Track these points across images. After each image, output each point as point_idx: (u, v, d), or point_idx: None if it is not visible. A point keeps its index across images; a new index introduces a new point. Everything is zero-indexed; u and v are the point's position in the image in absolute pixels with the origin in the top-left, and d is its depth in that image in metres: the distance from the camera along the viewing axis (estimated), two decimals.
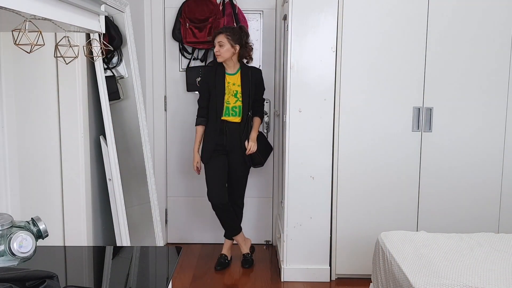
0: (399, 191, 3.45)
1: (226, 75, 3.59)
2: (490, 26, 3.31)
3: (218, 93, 3.56)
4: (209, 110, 3.61)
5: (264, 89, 3.73)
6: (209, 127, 3.62)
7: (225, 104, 3.56)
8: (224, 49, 3.49)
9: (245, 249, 3.84)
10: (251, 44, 3.63)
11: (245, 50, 3.58)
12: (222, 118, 3.56)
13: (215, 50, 3.54)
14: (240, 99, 3.57)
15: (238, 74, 3.59)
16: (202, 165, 3.68)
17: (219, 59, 3.54)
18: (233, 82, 3.58)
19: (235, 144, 3.60)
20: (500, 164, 3.43)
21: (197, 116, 3.68)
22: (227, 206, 3.66)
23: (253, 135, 3.64)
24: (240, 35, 3.54)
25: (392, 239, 2.64)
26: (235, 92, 3.57)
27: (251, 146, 3.59)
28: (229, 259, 3.83)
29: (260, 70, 3.74)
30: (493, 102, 3.38)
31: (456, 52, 3.34)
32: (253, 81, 3.62)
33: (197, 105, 3.69)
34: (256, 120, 3.69)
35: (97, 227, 2.81)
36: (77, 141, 2.50)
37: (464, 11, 3.30)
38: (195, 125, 3.68)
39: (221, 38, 3.49)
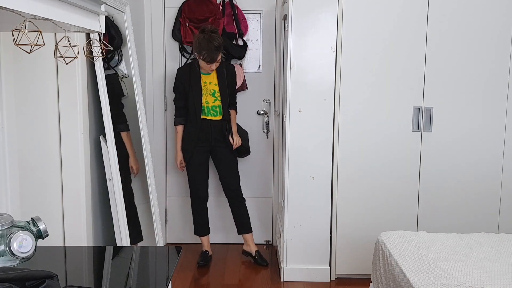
0: (399, 191, 3.45)
1: (201, 75, 3.60)
2: (490, 26, 3.31)
3: (195, 94, 3.57)
4: (188, 110, 3.63)
5: (236, 83, 3.77)
6: (189, 127, 3.66)
7: (204, 104, 3.59)
8: (219, 63, 3.53)
9: (253, 248, 3.84)
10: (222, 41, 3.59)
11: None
12: (202, 117, 3.60)
13: (211, 68, 3.51)
14: (219, 98, 3.60)
15: (214, 73, 3.60)
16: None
17: (209, 71, 3.56)
18: (209, 81, 3.60)
19: (219, 139, 3.66)
20: (500, 164, 3.43)
21: (175, 116, 3.73)
22: (206, 203, 3.80)
23: (235, 129, 3.73)
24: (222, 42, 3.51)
25: (392, 239, 2.64)
26: (212, 91, 3.60)
27: (236, 140, 3.68)
28: (210, 254, 3.88)
29: (233, 65, 3.78)
30: (493, 102, 3.38)
31: (456, 52, 3.34)
32: (229, 77, 3.65)
33: (174, 104, 3.73)
34: (233, 113, 3.75)
35: (97, 227, 2.81)
36: (77, 141, 2.49)
37: (464, 11, 3.30)
38: (175, 125, 3.74)
39: (219, 56, 3.47)
